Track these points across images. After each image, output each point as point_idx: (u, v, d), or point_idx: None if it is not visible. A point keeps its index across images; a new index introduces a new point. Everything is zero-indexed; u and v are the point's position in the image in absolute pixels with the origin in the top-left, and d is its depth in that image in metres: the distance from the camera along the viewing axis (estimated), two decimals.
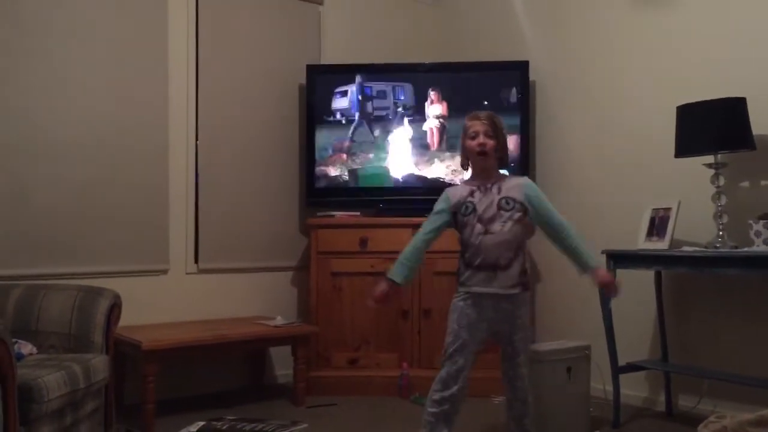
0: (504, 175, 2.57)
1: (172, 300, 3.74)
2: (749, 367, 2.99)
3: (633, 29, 3.63)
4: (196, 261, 3.86)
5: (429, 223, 2.54)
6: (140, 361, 3.15)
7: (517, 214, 2.44)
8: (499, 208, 2.44)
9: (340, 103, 4.11)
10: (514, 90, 4.01)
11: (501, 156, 2.53)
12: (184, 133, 3.83)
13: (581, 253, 2.45)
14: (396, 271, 2.51)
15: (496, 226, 2.42)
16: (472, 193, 2.49)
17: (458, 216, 2.49)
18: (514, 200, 2.45)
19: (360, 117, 4.09)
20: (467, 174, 2.62)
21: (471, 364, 2.49)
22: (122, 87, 3.60)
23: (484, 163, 2.50)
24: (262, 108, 4.11)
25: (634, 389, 3.49)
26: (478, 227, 2.43)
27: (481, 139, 2.47)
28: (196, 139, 3.87)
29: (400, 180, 4.09)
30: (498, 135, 2.49)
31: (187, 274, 3.83)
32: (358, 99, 4.09)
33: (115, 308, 2.87)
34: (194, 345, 3.32)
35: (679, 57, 3.41)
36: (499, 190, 2.47)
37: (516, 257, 2.45)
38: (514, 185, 2.49)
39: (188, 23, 3.84)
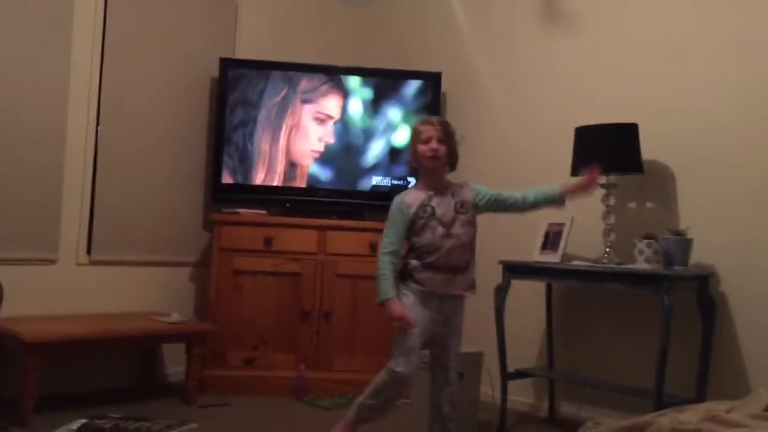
0: (452, 181, 2.63)
1: (60, 292, 3.56)
2: (627, 377, 3.19)
3: (540, 53, 3.79)
4: (89, 252, 3.69)
5: (394, 235, 2.53)
6: (21, 355, 2.98)
7: (471, 217, 2.56)
8: (456, 211, 2.53)
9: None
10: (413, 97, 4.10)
11: (451, 162, 2.59)
12: (84, 118, 3.65)
13: (544, 194, 2.61)
14: (388, 290, 2.49)
15: (457, 229, 2.50)
16: (430, 198, 2.53)
17: (416, 220, 2.51)
18: (467, 203, 2.56)
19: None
20: (413, 181, 2.65)
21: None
22: (19, 65, 3.40)
23: (435, 168, 2.54)
24: (171, 97, 3.99)
25: (521, 395, 3.64)
26: (440, 230, 2.48)
27: (434, 144, 2.51)
28: (97, 124, 3.71)
29: (310, 181, 4.08)
30: (449, 140, 2.55)
31: (78, 264, 3.65)
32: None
33: None
34: (81, 339, 3.18)
35: (579, 82, 3.59)
36: (453, 194, 2.56)
37: (473, 258, 2.55)
38: (464, 188, 2.60)
39: (96, 3, 3.68)
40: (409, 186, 2.64)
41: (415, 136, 2.58)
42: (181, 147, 4.04)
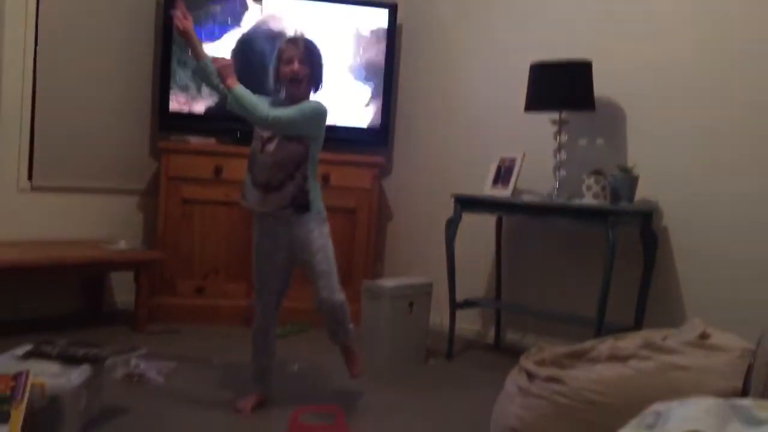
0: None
1: (2, 218, 3.45)
2: (571, 307, 3.31)
3: None
4: (30, 177, 3.56)
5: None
6: None
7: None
8: None
9: None
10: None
11: (315, 85, 2.43)
12: (21, 37, 3.46)
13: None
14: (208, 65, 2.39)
15: (272, 146, 2.37)
16: None
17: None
18: None
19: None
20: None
21: (279, 295, 2.55)
22: None
23: (296, 91, 2.39)
24: (116, 19, 3.80)
25: (469, 323, 3.75)
26: (258, 144, 2.40)
27: (296, 66, 2.36)
28: (36, 45, 3.52)
29: None
30: (313, 63, 2.40)
31: (19, 191, 3.53)
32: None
33: None
34: (24, 266, 3.11)
35: (536, 17, 3.56)
36: None
37: (291, 179, 2.37)
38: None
39: None
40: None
41: (278, 56, 2.40)
42: (127, 71, 3.89)
